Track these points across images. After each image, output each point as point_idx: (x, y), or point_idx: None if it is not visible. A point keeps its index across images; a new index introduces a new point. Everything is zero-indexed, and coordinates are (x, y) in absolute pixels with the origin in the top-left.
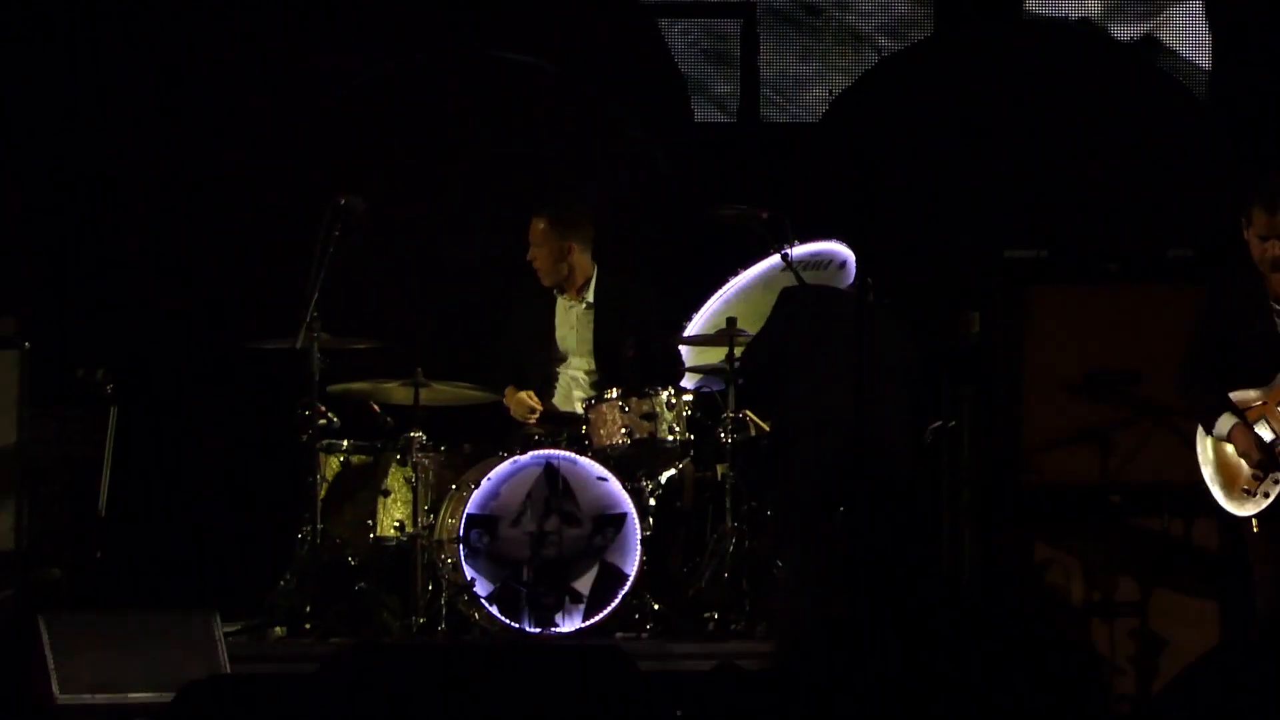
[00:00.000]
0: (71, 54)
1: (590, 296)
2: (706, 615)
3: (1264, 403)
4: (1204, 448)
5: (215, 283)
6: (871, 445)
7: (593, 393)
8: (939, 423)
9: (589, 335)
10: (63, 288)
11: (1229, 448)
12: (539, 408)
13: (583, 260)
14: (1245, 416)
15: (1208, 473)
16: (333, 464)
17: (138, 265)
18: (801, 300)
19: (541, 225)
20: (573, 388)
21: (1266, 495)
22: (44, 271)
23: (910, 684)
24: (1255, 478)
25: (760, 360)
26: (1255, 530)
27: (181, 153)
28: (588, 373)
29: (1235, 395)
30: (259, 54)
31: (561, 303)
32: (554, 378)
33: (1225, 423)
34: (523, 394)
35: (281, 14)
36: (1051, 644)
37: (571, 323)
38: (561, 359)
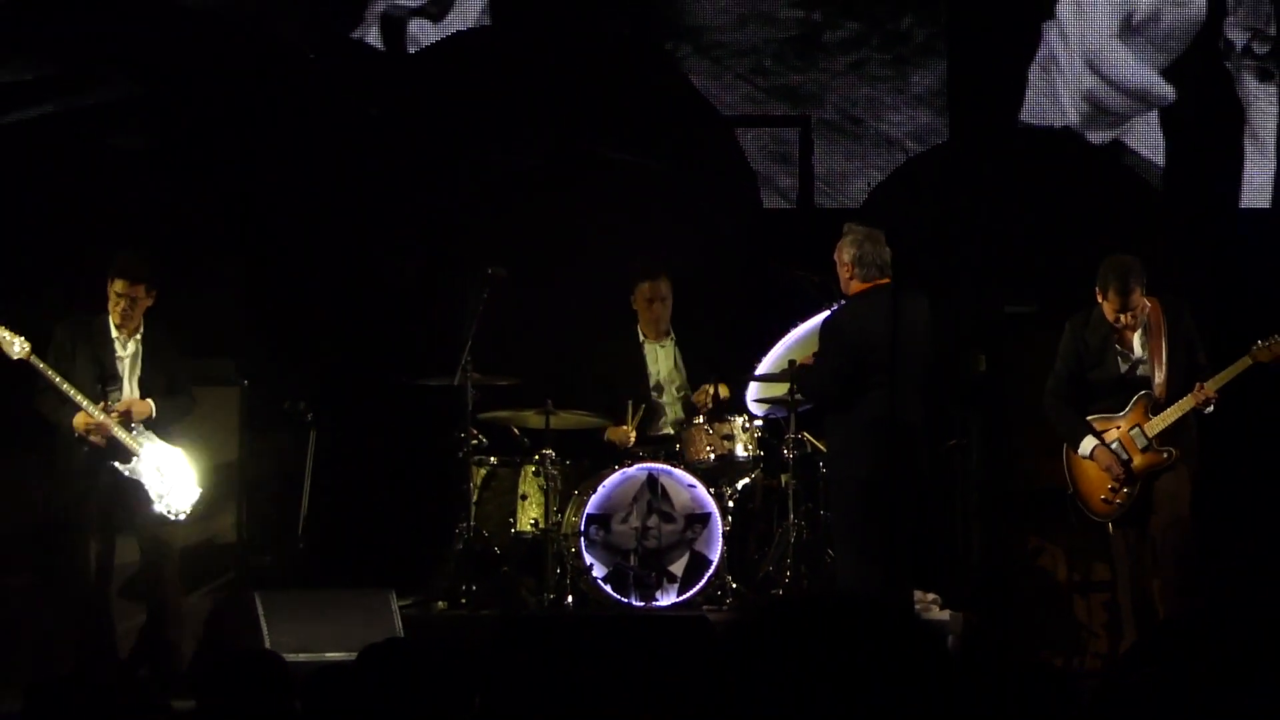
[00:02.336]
0: (279, 151)
1: (673, 338)
2: (773, 592)
3: (1118, 426)
4: (1068, 465)
5: (392, 332)
6: (900, 424)
7: (680, 414)
8: (954, 440)
9: (677, 370)
10: (273, 337)
11: (1089, 464)
12: (633, 439)
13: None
14: (1103, 439)
15: (1075, 486)
16: (482, 474)
17: (332, 318)
18: (845, 318)
19: (666, 285)
20: (665, 410)
21: (1120, 504)
22: (259, 324)
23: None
24: (1113, 489)
25: (821, 383)
26: (1111, 532)
27: (367, 229)
28: (676, 399)
29: (1094, 419)
30: (430, 153)
31: (649, 345)
32: (649, 403)
33: (1088, 444)
34: (624, 429)
35: (445, 123)
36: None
37: (662, 361)
38: (659, 389)
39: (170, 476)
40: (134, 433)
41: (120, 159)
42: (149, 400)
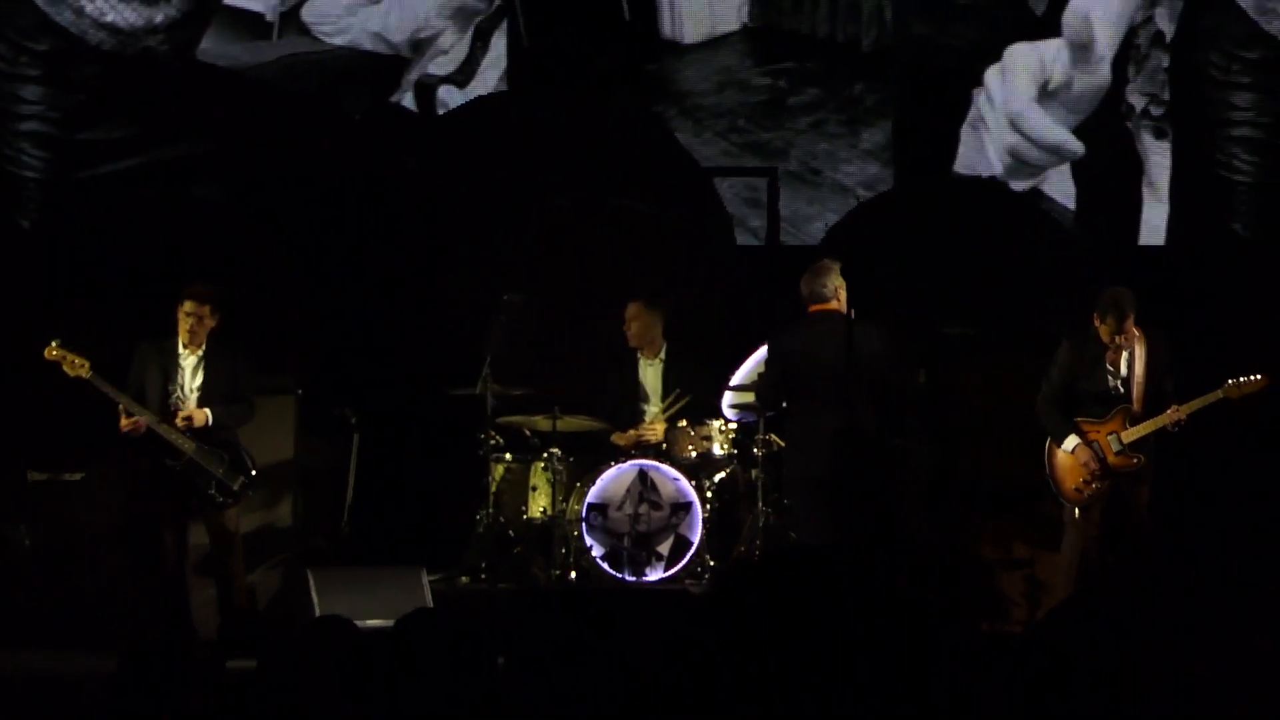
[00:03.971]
0: (331, 198)
1: (662, 356)
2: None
3: (1099, 429)
4: (1050, 455)
5: (423, 348)
6: (852, 432)
7: (663, 420)
8: (900, 442)
9: (659, 384)
10: (324, 354)
11: (1069, 457)
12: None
13: (658, 333)
14: (1086, 437)
15: (1052, 473)
16: (499, 469)
17: (374, 339)
18: (781, 340)
19: (635, 308)
20: (650, 417)
21: (1090, 495)
22: (312, 345)
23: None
24: (1086, 481)
25: (765, 393)
26: (1076, 515)
27: (404, 264)
28: (660, 409)
29: (1080, 421)
30: (457, 199)
31: (643, 361)
32: (639, 410)
33: (1071, 441)
34: (631, 433)
35: (469, 173)
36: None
37: (650, 374)
38: (646, 398)
39: (221, 468)
40: (184, 435)
41: (199, 205)
42: (205, 409)
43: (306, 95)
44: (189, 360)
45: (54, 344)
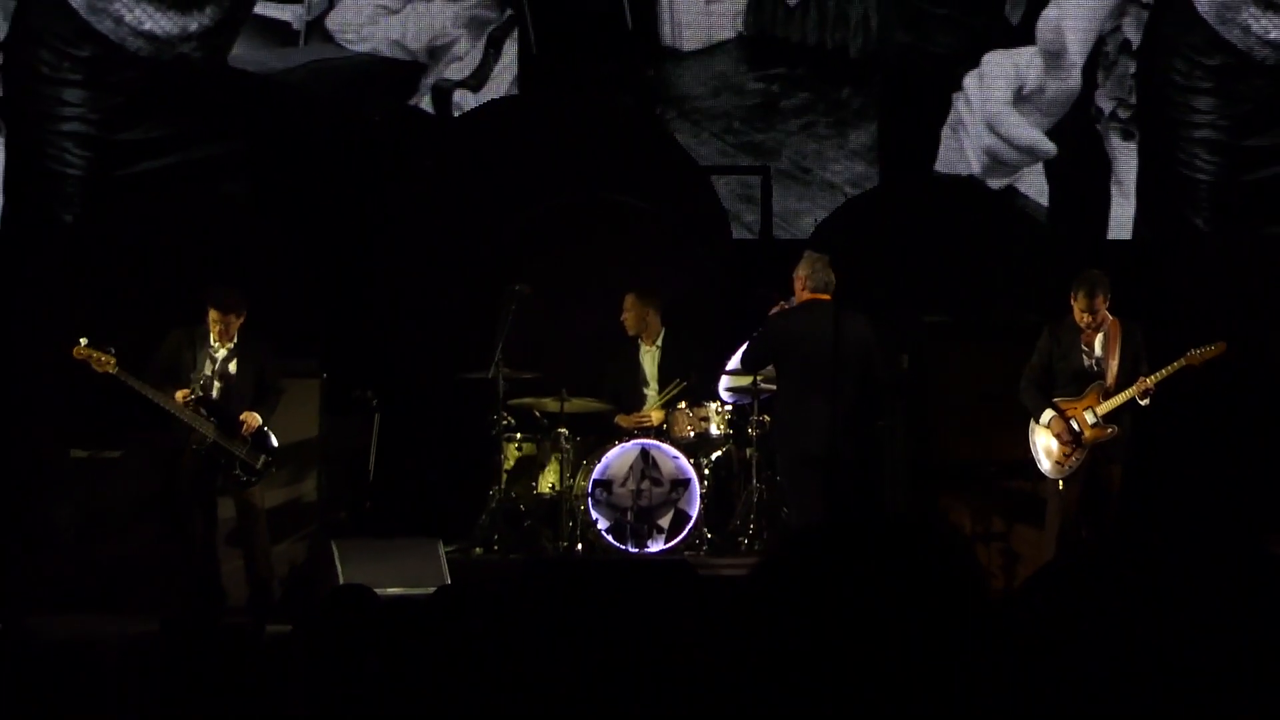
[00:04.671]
0: (353, 194)
1: (659, 344)
2: (739, 540)
3: (1075, 406)
4: (1032, 433)
5: (439, 335)
6: (837, 416)
7: (659, 408)
8: (883, 422)
9: (656, 369)
10: (346, 340)
11: (1050, 432)
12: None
13: (655, 321)
14: (1063, 413)
15: (1035, 449)
16: (510, 449)
17: (393, 325)
18: (780, 318)
19: (630, 299)
20: (649, 401)
21: (1069, 467)
22: (335, 329)
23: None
24: (1064, 454)
25: (754, 357)
26: (1060, 487)
27: (421, 255)
28: (657, 393)
29: (1058, 400)
30: (471, 196)
31: (643, 348)
32: (640, 393)
33: (1048, 415)
34: (634, 416)
35: (482, 172)
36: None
37: (648, 360)
38: (645, 382)
39: (244, 449)
40: (207, 419)
41: (229, 201)
42: (257, 414)
43: (330, 98)
44: (220, 351)
45: (81, 343)
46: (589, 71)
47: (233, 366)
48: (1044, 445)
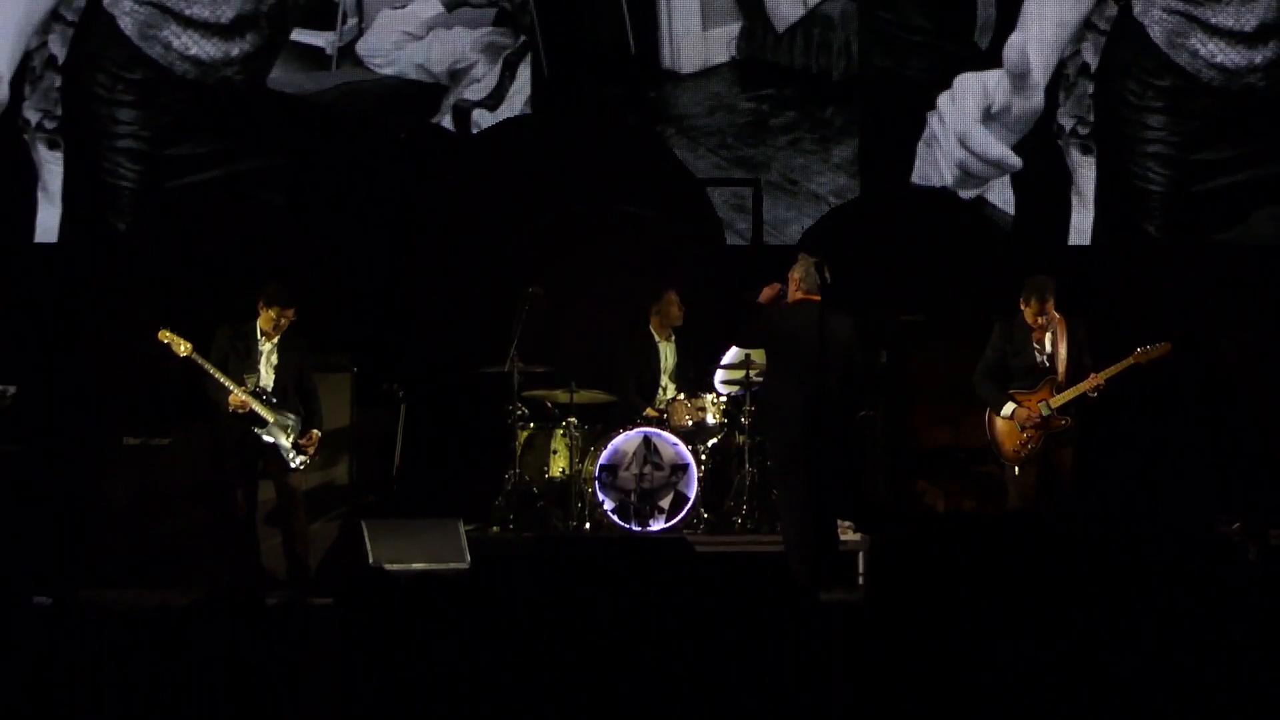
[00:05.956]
0: (381, 204)
1: (672, 339)
2: (733, 520)
3: (1030, 398)
4: (990, 424)
5: (460, 333)
6: (821, 400)
7: (674, 394)
8: (864, 412)
9: (674, 361)
10: (375, 337)
11: (1008, 422)
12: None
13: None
14: (1021, 404)
15: (993, 437)
16: (524, 436)
17: (419, 323)
18: (775, 311)
19: (676, 295)
20: (667, 391)
21: (1026, 454)
22: (366, 329)
23: None
24: (1021, 442)
25: (746, 336)
26: (1017, 472)
27: (444, 260)
28: (672, 383)
29: (1014, 392)
30: (489, 206)
31: (661, 343)
32: (658, 385)
33: (1009, 407)
34: (653, 410)
35: (499, 184)
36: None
37: (668, 354)
38: (661, 374)
39: (293, 437)
40: (265, 405)
41: (268, 210)
42: (315, 430)
43: (360, 117)
44: (265, 346)
45: (163, 330)
46: (596, 92)
47: (277, 358)
48: (1003, 434)
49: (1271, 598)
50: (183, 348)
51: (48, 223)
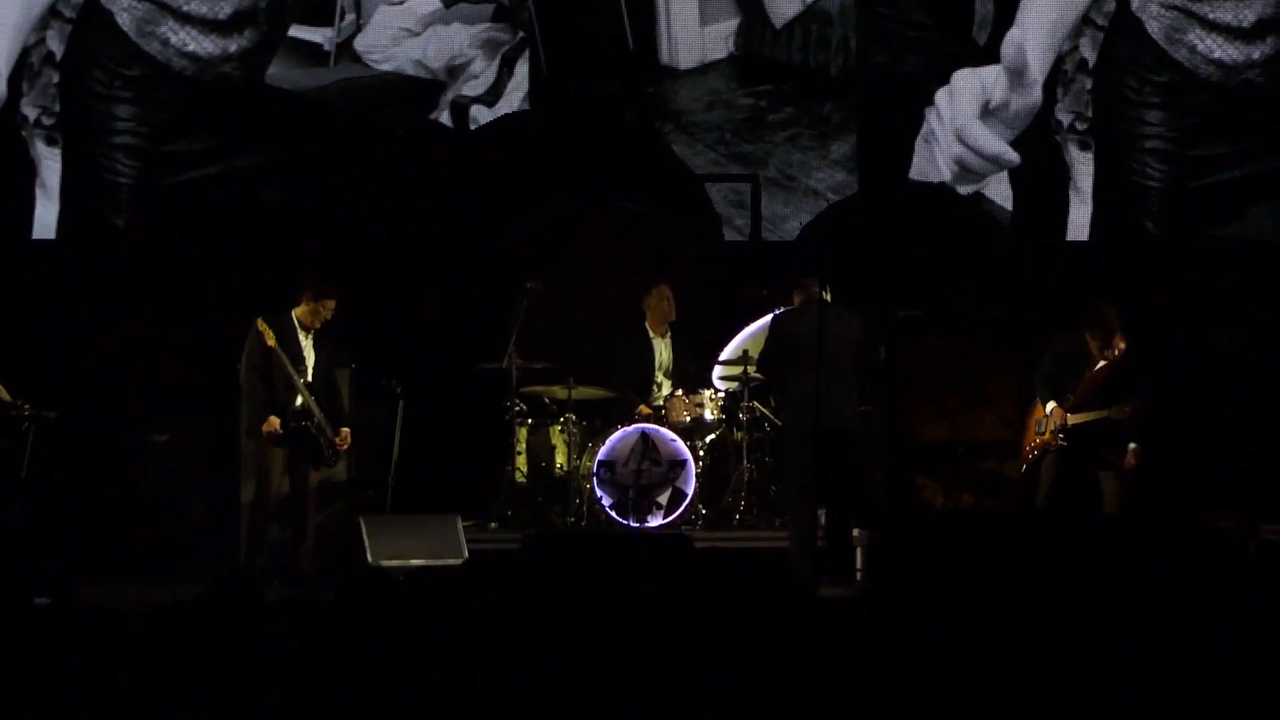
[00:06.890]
0: (379, 200)
1: (668, 335)
2: (732, 515)
3: (1068, 403)
4: (1031, 413)
5: (458, 328)
6: (831, 402)
7: (670, 390)
8: (864, 408)
9: (669, 358)
10: (373, 333)
11: (1041, 414)
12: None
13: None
14: (1063, 406)
15: (1025, 429)
16: (523, 432)
17: (416, 320)
18: (783, 319)
19: (667, 289)
20: (662, 387)
21: (1031, 460)
22: (365, 325)
23: None
24: (1030, 450)
25: (766, 362)
26: (1022, 471)
27: (442, 256)
28: (667, 379)
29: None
30: (487, 202)
31: (656, 339)
32: (653, 381)
33: (1051, 405)
34: (645, 407)
35: (497, 180)
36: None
37: (663, 350)
38: (656, 370)
39: (330, 434)
40: (315, 399)
41: (266, 207)
42: (345, 428)
43: (358, 113)
44: (305, 340)
45: (260, 320)
46: (594, 88)
47: (313, 353)
48: (1030, 429)
49: (1269, 592)
50: (270, 338)
51: (45, 219)
